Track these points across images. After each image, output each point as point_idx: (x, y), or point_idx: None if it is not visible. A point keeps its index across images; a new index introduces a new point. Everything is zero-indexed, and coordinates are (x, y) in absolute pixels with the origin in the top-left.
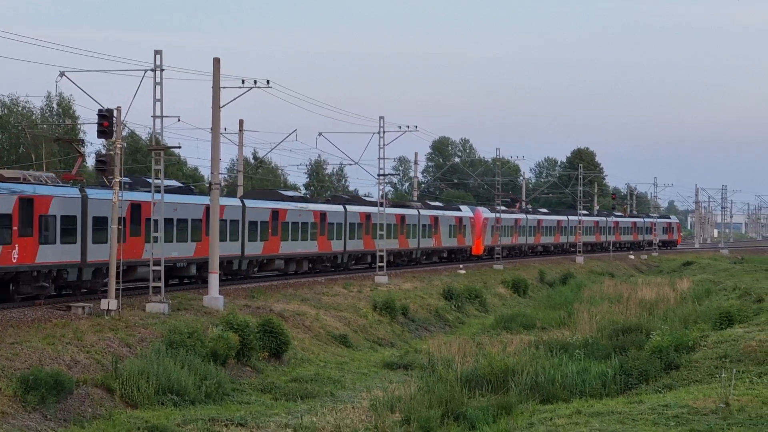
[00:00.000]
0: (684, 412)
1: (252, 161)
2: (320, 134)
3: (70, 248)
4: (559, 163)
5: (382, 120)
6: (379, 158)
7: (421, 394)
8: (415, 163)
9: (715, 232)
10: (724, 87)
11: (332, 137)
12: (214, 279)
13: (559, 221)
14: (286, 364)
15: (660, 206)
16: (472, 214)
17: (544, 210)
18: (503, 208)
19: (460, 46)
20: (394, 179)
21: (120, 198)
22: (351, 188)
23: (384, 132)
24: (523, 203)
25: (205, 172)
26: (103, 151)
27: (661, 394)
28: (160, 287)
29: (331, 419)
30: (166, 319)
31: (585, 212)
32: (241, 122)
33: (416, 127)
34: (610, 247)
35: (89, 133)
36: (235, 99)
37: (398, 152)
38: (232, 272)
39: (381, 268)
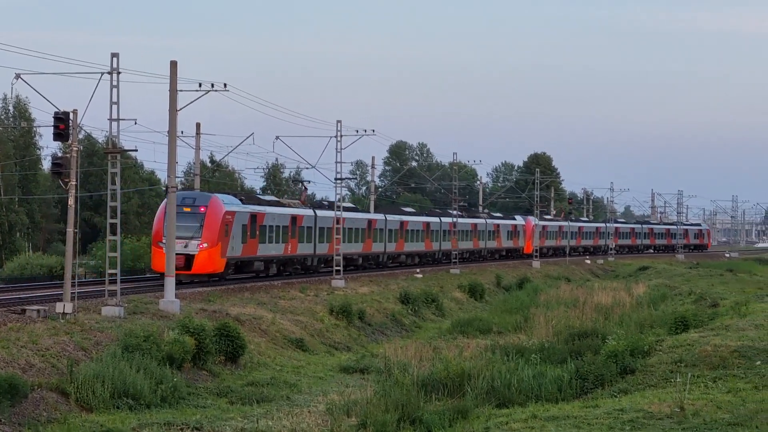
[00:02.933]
0: (639, 417)
1: (209, 164)
2: (277, 138)
3: (310, 245)
4: (516, 167)
5: (339, 124)
6: (336, 162)
7: (377, 398)
8: (372, 167)
9: None
10: (679, 92)
11: (289, 141)
12: (170, 282)
13: (597, 227)
14: (243, 368)
15: (616, 211)
16: (524, 222)
17: (585, 219)
18: (549, 216)
19: (417, 50)
20: (351, 183)
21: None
22: (308, 192)
23: (341, 136)
24: (564, 213)
25: (162, 175)
26: (59, 154)
27: (617, 399)
28: (116, 291)
29: (287, 423)
30: (122, 323)
31: (622, 221)
32: (198, 125)
33: (374, 131)
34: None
35: (45, 135)
36: (192, 102)
37: (355, 156)
38: (378, 263)
39: (338, 272)
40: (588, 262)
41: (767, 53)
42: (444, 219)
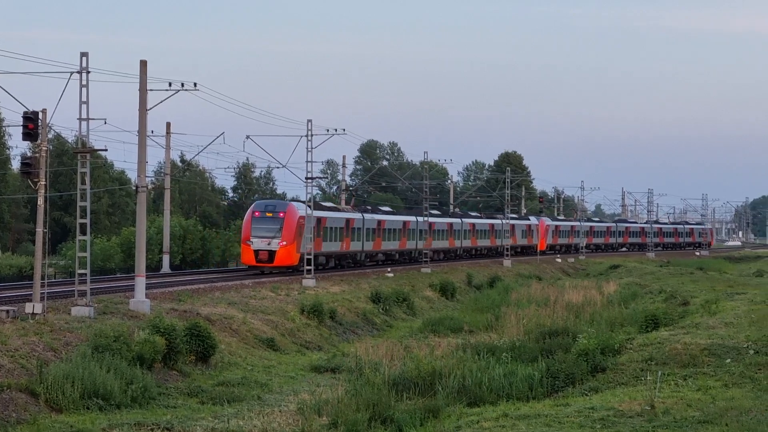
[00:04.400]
0: (610, 415)
1: (179, 164)
2: (248, 137)
3: (359, 243)
4: (486, 166)
5: (309, 123)
6: (307, 161)
7: (348, 397)
8: (343, 166)
9: None
10: (649, 91)
11: (260, 140)
12: (140, 282)
13: (608, 227)
14: (213, 367)
15: (587, 210)
16: (537, 222)
17: (597, 219)
18: (562, 217)
19: (388, 48)
20: (322, 182)
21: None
22: (279, 191)
23: (312, 135)
24: (577, 214)
25: (132, 175)
26: (29, 154)
27: (588, 397)
28: (86, 291)
29: (258, 423)
30: (91, 323)
31: (633, 221)
32: (168, 125)
33: (344, 130)
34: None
35: (14, 135)
36: (162, 102)
37: (326, 155)
38: (411, 258)
39: (310, 271)
40: (559, 260)
41: (738, 52)
42: (465, 220)
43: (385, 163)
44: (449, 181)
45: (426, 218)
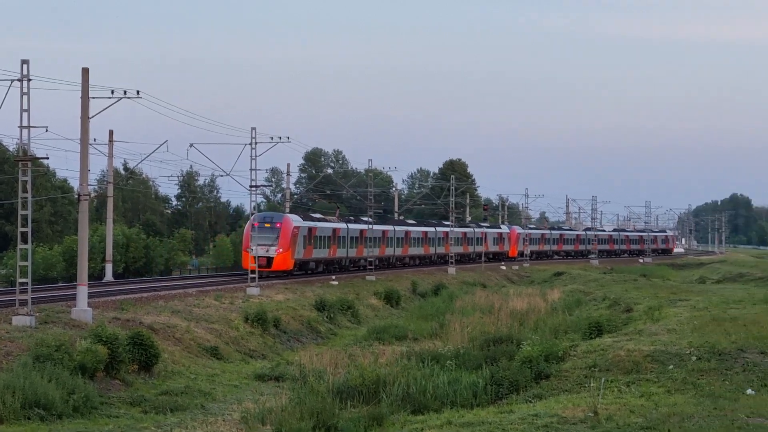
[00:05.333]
0: (553, 422)
1: (122, 172)
2: (191, 145)
3: (344, 250)
4: (431, 174)
5: (254, 131)
6: (251, 169)
7: (292, 405)
8: (288, 174)
9: None
10: (592, 98)
11: (204, 148)
12: (82, 291)
13: (578, 235)
14: (156, 376)
15: (531, 217)
16: (508, 230)
17: (567, 227)
18: (533, 226)
19: (331, 56)
20: (267, 190)
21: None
22: (223, 199)
23: (256, 143)
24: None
25: (75, 183)
26: None
27: (531, 404)
28: (27, 300)
29: None
30: (33, 333)
31: (602, 230)
32: (110, 133)
33: (288, 138)
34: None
35: None
36: (104, 110)
37: (271, 163)
38: (389, 264)
39: (253, 279)
40: (503, 268)
41: (680, 61)
42: (439, 228)
43: (329, 171)
44: (394, 189)
45: (371, 226)
